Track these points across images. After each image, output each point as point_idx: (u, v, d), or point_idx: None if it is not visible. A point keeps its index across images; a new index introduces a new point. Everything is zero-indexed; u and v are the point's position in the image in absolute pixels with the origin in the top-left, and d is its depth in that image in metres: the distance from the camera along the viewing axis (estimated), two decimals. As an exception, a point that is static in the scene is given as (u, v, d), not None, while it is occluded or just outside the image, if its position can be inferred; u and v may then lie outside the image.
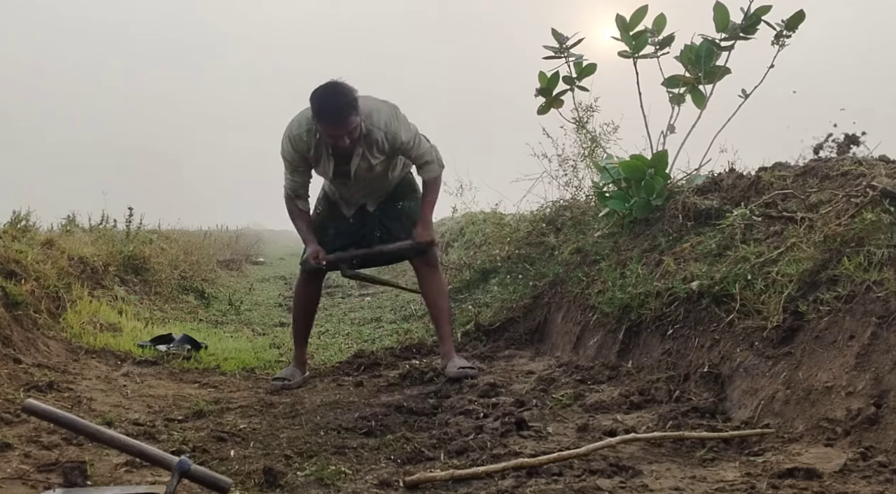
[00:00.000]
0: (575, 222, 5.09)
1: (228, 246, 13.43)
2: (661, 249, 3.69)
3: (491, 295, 5.27)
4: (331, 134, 3.39)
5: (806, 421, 2.28)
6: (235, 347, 4.84)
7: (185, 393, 3.44)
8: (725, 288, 2.95)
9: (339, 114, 3.34)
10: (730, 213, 3.40)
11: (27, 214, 5.72)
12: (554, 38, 4.66)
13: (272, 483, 2.16)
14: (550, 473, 2.15)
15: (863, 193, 2.83)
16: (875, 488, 1.83)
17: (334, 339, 5.45)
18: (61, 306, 4.55)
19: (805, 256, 2.75)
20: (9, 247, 4.38)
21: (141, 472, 2.21)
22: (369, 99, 3.56)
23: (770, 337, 2.63)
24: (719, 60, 4.33)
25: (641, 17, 4.47)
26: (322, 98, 3.36)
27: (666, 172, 4.22)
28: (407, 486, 2.11)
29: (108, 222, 8.06)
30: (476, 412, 2.92)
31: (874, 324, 2.28)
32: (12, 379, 3.12)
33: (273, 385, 3.67)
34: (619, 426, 2.60)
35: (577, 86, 4.81)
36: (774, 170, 3.64)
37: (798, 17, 4.12)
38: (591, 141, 5.49)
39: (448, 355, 3.77)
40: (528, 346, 4.34)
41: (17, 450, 2.31)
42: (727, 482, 2.01)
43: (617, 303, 3.54)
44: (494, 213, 7.39)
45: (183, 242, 9.64)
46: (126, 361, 4.03)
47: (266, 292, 8.94)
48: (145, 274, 6.95)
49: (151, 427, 2.76)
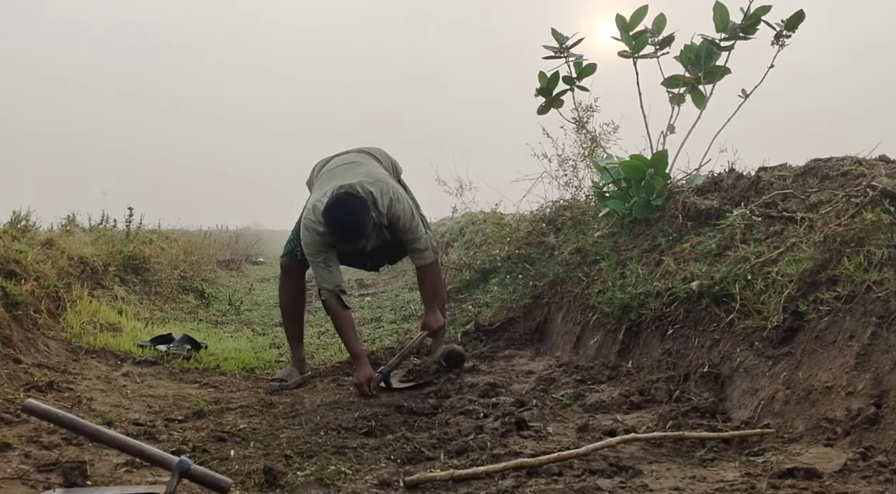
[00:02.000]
0: (575, 222, 5.09)
1: (228, 246, 13.45)
2: (661, 249, 3.69)
3: (491, 295, 5.27)
4: (351, 245, 3.53)
5: (806, 421, 2.28)
6: (235, 347, 4.84)
7: (185, 393, 3.44)
8: (725, 288, 2.95)
9: (356, 234, 3.46)
10: (730, 213, 3.40)
11: (27, 214, 5.72)
12: (554, 38, 4.66)
13: (272, 483, 2.16)
14: (550, 473, 2.14)
15: (863, 193, 2.83)
16: (875, 488, 1.83)
17: (334, 339, 5.44)
18: (61, 306, 4.55)
19: (805, 256, 2.75)
20: (9, 247, 4.38)
21: (141, 472, 2.21)
22: (371, 178, 3.60)
23: (770, 337, 2.63)
24: (719, 60, 4.33)
25: (641, 17, 4.47)
26: (337, 220, 3.43)
27: (666, 172, 4.23)
28: (407, 486, 2.11)
29: (108, 222, 8.07)
30: (476, 412, 2.92)
31: (874, 324, 2.28)
32: (12, 379, 3.12)
33: (271, 385, 3.67)
34: (619, 426, 2.60)
35: (577, 86, 4.80)
36: (775, 169, 3.64)
37: (798, 17, 4.12)
38: (591, 141, 5.49)
39: (438, 340, 3.91)
40: (528, 346, 4.34)
41: (17, 450, 2.31)
42: (727, 482, 2.01)
43: (617, 303, 3.54)
44: (494, 213, 7.40)
45: (183, 242, 9.64)
46: (126, 361, 4.03)
47: (266, 292, 8.95)
48: (145, 274, 6.95)
49: (151, 427, 2.76)
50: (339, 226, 3.43)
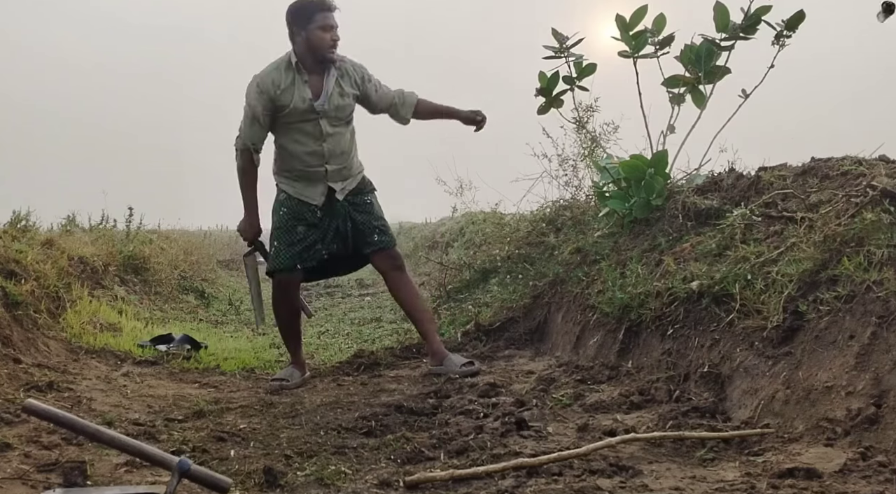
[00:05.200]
0: (575, 222, 5.09)
1: (228, 246, 13.44)
2: (661, 249, 3.69)
3: (491, 295, 5.26)
4: (327, 23, 3.57)
5: (806, 421, 2.28)
6: (235, 347, 4.84)
7: (185, 393, 3.44)
8: (725, 288, 2.95)
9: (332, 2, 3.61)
10: (730, 213, 3.40)
11: (27, 214, 5.71)
12: (554, 37, 4.66)
13: (272, 483, 2.16)
14: (550, 473, 2.14)
15: (863, 193, 2.83)
16: (875, 488, 1.83)
17: (334, 339, 5.45)
18: (61, 306, 4.55)
19: (805, 256, 2.75)
20: (9, 247, 4.38)
21: (141, 472, 2.21)
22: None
23: (770, 337, 2.63)
24: (719, 60, 4.32)
25: (641, 17, 4.46)
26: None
27: (666, 172, 4.22)
28: (407, 486, 2.10)
29: (108, 222, 8.07)
30: (476, 412, 2.92)
31: (874, 324, 2.28)
32: (12, 379, 3.12)
33: (271, 385, 3.67)
34: (619, 426, 2.60)
35: (577, 86, 4.80)
36: (775, 169, 3.64)
37: (798, 17, 4.11)
38: (591, 141, 5.49)
39: (440, 353, 3.77)
40: (528, 346, 4.34)
41: (17, 450, 2.31)
42: (727, 482, 2.01)
43: (617, 303, 3.54)
44: (494, 213, 7.40)
45: (183, 242, 9.64)
46: (126, 361, 4.03)
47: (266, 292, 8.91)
48: (145, 274, 6.95)
49: (151, 427, 2.76)
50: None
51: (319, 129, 3.64)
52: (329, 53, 3.60)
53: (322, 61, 3.63)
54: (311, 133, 3.66)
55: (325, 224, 3.76)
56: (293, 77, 3.61)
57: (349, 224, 3.78)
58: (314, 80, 3.65)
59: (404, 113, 3.87)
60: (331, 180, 3.74)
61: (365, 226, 3.79)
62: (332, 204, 3.76)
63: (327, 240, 3.76)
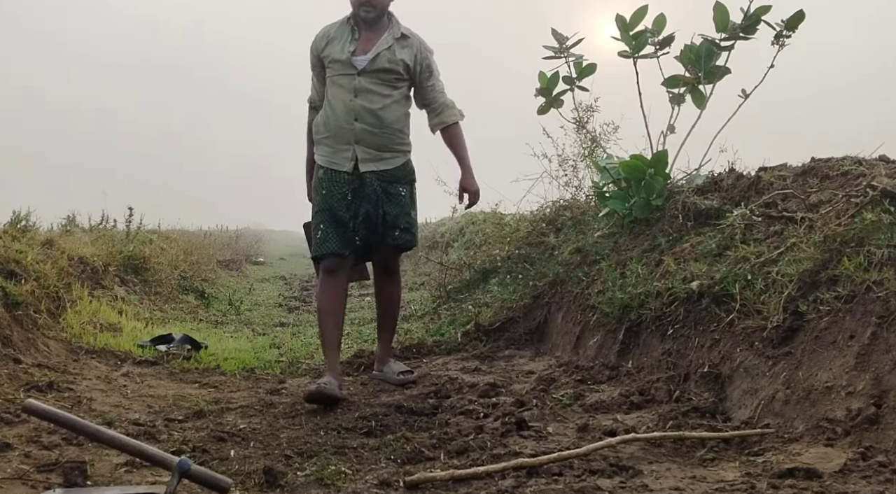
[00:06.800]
0: (575, 222, 5.09)
1: (228, 246, 13.44)
2: (661, 249, 3.69)
3: (491, 295, 5.26)
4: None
5: (806, 421, 2.28)
6: (235, 347, 4.84)
7: (185, 393, 3.44)
8: (725, 288, 2.95)
9: None
10: (730, 213, 3.40)
11: (27, 214, 5.71)
12: (554, 38, 4.66)
13: (272, 483, 2.16)
14: (550, 473, 2.15)
15: (863, 193, 2.83)
16: (875, 488, 1.84)
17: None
18: (61, 306, 4.55)
19: (805, 256, 2.75)
20: (9, 246, 4.38)
21: (141, 472, 2.21)
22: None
23: (770, 337, 2.63)
24: (719, 60, 4.33)
25: (641, 17, 4.47)
26: None
27: (666, 172, 4.23)
28: (407, 486, 2.11)
29: (108, 222, 8.07)
30: (476, 412, 2.92)
31: (874, 324, 2.28)
32: (12, 379, 3.12)
33: (308, 390, 3.24)
34: (619, 426, 2.60)
35: (577, 86, 4.81)
36: (775, 170, 3.64)
37: (798, 18, 4.12)
38: (591, 141, 5.49)
39: (384, 360, 3.83)
40: (528, 346, 4.34)
41: (17, 450, 2.31)
42: (727, 482, 2.01)
43: (617, 303, 3.54)
44: (494, 213, 7.39)
45: (183, 242, 9.63)
46: (126, 361, 4.03)
47: (266, 292, 8.94)
48: (145, 274, 6.94)
49: (151, 427, 2.76)
50: None
51: (354, 84, 3.58)
52: (362, 11, 3.56)
53: (364, 20, 3.60)
54: (346, 86, 3.60)
55: (354, 207, 3.56)
56: (346, 32, 3.63)
57: (381, 211, 3.57)
58: (367, 38, 3.61)
59: (431, 124, 3.79)
60: (359, 143, 3.56)
61: (392, 219, 3.61)
62: (362, 183, 3.57)
63: (357, 224, 3.56)
